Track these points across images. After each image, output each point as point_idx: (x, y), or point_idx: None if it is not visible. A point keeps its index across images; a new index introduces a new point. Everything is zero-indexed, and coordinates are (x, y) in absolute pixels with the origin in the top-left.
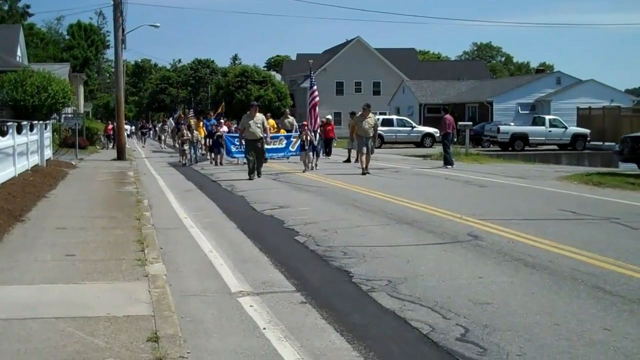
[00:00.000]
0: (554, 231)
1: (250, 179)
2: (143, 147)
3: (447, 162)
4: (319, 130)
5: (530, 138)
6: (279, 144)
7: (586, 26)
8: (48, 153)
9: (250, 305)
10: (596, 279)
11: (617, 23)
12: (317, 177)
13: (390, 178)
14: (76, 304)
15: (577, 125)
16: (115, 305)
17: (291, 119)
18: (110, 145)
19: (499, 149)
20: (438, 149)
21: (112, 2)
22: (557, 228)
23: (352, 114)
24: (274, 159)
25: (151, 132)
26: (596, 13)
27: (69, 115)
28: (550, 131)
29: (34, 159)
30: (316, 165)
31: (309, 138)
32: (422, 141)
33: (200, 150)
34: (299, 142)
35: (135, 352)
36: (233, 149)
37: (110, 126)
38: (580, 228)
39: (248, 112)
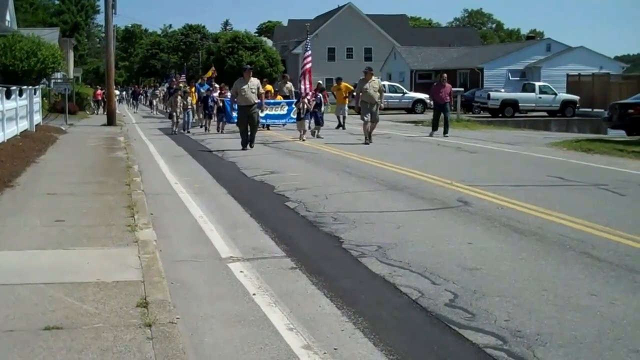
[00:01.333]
0: (542, 197)
1: (243, 149)
2: (135, 112)
3: (447, 130)
4: (320, 96)
5: (520, 104)
6: (280, 110)
7: None
8: (37, 118)
9: (241, 271)
10: (584, 245)
11: None
12: (309, 143)
13: (381, 144)
14: (65, 269)
15: (567, 92)
16: (104, 271)
17: (290, 84)
18: (101, 111)
19: (490, 115)
20: (429, 115)
21: None
22: (546, 194)
23: (339, 79)
24: (275, 125)
25: (143, 97)
26: None
27: (59, 81)
28: (540, 98)
29: (23, 124)
30: (318, 133)
31: (305, 106)
32: (413, 107)
33: (193, 117)
34: (291, 108)
35: (125, 318)
36: (234, 114)
37: (100, 91)
38: (569, 194)
39: (241, 77)
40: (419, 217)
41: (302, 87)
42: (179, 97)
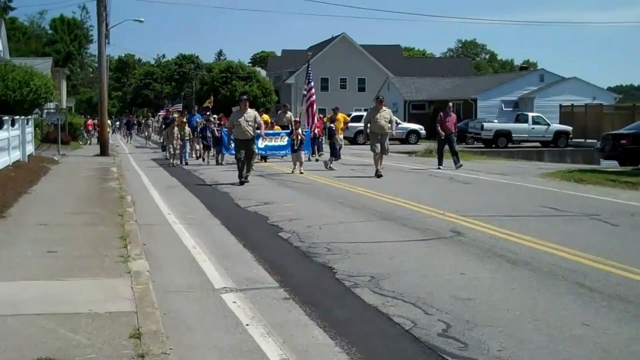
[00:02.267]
0: (535, 227)
1: (240, 183)
2: (129, 142)
3: (456, 162)
4: (334, 127)
5: (513, 135)
6: (279, 141)
7: (569, 24)
8: (30, 148)
9: (234, 302)
10: (576, 275)
11: (600, 21)
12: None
13: (371, 174)
14: (57, 300)
15: (560, 123)
16: (97, 301)
17: (290, 114)
18: (94, 141)
19: (483, 145)
20: (423, 145)
21: None
22: (538, 224)
23: (336, 109)
24: (274, 156)
25: (136, 127)
26: (579, 11)
27: (51, 111)
28: (533, 128)
29: (16, 155)
30: (331, 164)
31: (299, 137)
32: (407, 138)
33: (191, 149)
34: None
35: (117, 349)
36: (232, 145)
37: (90, 121)
38: (561, 224)
39: (238, 107)
40: (412, 247)
41: (309, 120)
42: (176, 128)
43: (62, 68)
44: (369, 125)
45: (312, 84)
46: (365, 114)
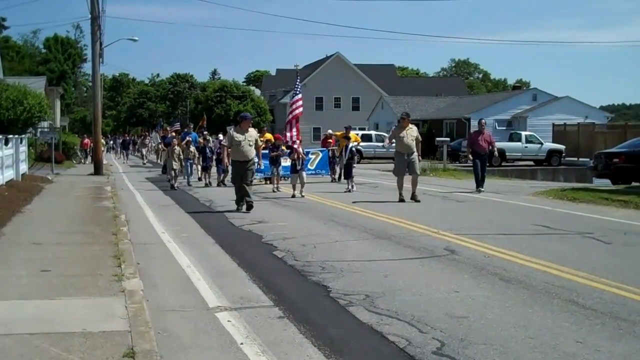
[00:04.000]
0: (528, 246)
1: (238, 209)
2: (124, 162)
3: (483, 184)
4: (349, 147)
5: (507, 154)
6: (283, 162)
7: (562, 44)
8: (23, 167)
9: (228, 320)
10: (569, 293)
11: (592, 41)
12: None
13: (368, 194)
14: (51, 319)
15: (553, 141)
16: (91, 320)
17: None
18: (88, 160)
19: None
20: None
21: (90, 16)
22: (531, 243)
23: (348, 128)
24: (285, 177)
25: (132, 147)
26: (571, 30)
27: (45, 130)
28: (526, 147)
29: (9, 174)
30: (353, 186)
31: (300, 156)
32: None
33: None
34: (318, 158)
35: None
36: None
37: (87, 140)
38: (554, 243)
39: (237, 126)
40: (406, 265)
41: (288, 134)
42: (177, 148)
43: (56, 87)
44: (393, 144)
45: (300, 95)
46: (358, 132)
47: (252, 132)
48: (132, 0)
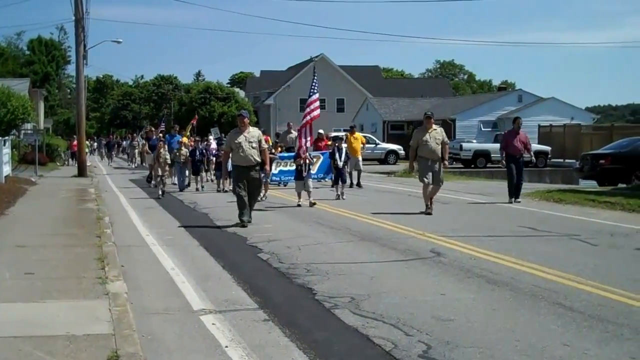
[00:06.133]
0: (515, 248)
1: (241, 222)
2: (109, 164)
3: (519, 193)
4: (344, 149)
5: (492, 155)
6: (290, 166)
7: (547, 45)
8: (7, 169)
9: (213, 323)
10: (556, 295)
11: (577, 42)
12: (281, 194)
13: (354, 195)
14: (35, 322)
15: (538, 143)
16: (75, 323)
17: (294, 133)
18: (72, 162)
19: (462, 166)
20: (401, 166)
21: (74, 17)
22: (518, 245)
23: (352, 128)
24: (285, 184)
25: (116, 148)
26: (557, 32)
27: (29, 132)
28: None
29: None
30: (342, 193)
31: (307, 161)
32: (386, 158)
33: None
34: (319, 161)
35: None
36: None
37: (76, 142)
38: (541, 244)
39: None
40: (392, 268)
41: (302, 139)
42: (162, 151)
43: (39, 89)
44: (416, 149)
45: (317, 95)
46: (342, 134)
47: (254, 132)
48: (116, 2)
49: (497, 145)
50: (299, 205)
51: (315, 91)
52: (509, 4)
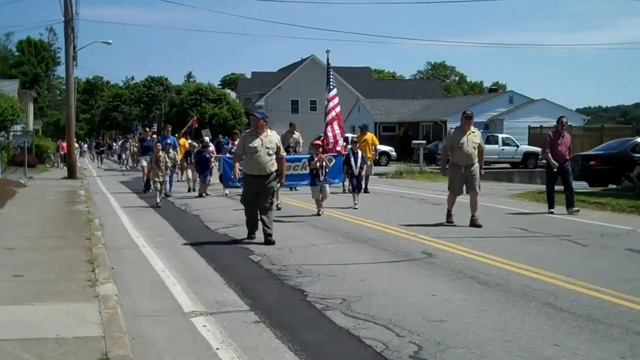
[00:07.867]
0: (506, 249)
1: (249, 237)
2: (99, 166)
3: (571, 203)
4: (360, 154)
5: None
6: (302, 169)
7: (538, 46)
8: None
9: (204, 325)
10: (547, 296)
11: (568, 44)
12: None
13: (345, 196)
14: (24, 325)
15: (529, 144)
16: (64, 326)
17: (297, 134)
18: (62, 164)
19: None
20: (393, 167)
21: (63, 19)
22: (509, 245)
23: (364, 127)
24: (296, 189)
25: (107, 150)
26: (547, 33)
27: (18, 133)
28: (503, 149)
29: None
30: (356, 202)
31: (324, 164)
32: (378, 159)
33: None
34: (330, 164)
35: None
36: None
37: (64, 143)
38: (532, 245)
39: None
40: (383, 269)
41: (330, 134)
42: (161, 154)
43: (29, 90)
44: (449, 153)
45: (335, 91)
46: None
47: (273, 137)
48: (106, 3)
49: (490, 146)
50: (318, 214)
51: (333, 86)
52: (500, 6)
